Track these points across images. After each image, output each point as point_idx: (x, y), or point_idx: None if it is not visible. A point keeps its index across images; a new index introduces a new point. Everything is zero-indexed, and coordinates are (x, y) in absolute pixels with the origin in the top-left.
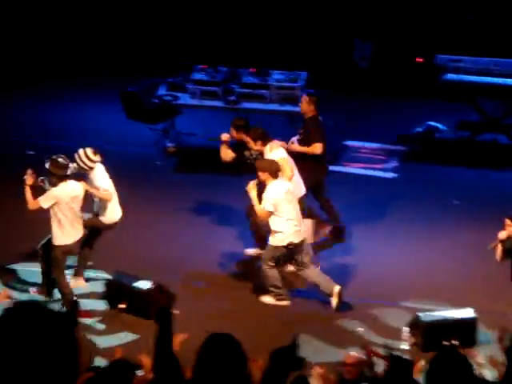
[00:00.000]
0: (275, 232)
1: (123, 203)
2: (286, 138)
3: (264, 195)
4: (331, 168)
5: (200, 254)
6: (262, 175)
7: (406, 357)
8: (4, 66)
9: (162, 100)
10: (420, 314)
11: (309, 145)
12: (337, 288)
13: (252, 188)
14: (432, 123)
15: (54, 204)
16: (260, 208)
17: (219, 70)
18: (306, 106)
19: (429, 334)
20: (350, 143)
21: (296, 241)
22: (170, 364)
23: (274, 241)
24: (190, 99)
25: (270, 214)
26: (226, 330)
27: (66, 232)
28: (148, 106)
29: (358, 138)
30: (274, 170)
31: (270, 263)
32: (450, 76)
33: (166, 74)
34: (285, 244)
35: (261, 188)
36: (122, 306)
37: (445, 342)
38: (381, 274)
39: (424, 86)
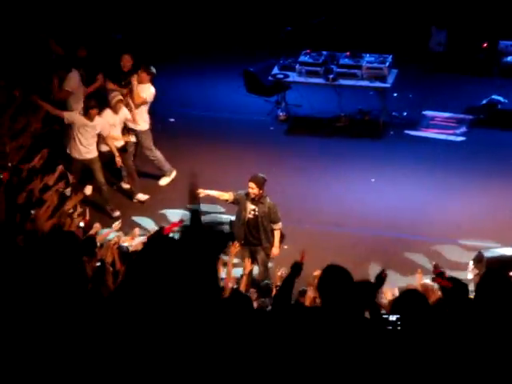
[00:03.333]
0: None
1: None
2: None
3: None
4: (410, 133)
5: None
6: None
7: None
8: (148, 41)
9: (275, 78)
10: (483, 251)
11: None
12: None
13: None
14: (495, 97)
15: None
16: None
17: (321, 54)
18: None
19: (490, 267)
20: (426, 113)
21: None
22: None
23: None
24: (297, 77)
25: None
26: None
27: None
28: (264, 83)
29: (433, 108)
30: None
31: None
32: (510, 58)
33: (279, 55)
34: None
35: None
36: None
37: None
38: (446, 216)
39: (489, 66)
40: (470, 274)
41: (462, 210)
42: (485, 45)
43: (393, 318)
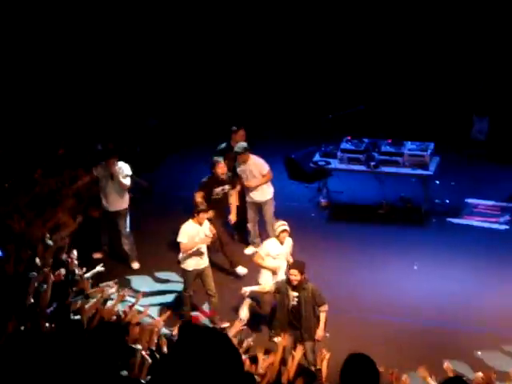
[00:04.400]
0: None
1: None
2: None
3: None
4: (454, 220)
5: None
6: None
7: None
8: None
9: (317, 164)
10: None
11: None
12: None
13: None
14: None
15: None
16: None
17: (362, 141)
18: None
19: None
20: (470, 200)
21: None
22: None
23: None
24: (339, 164)
25: None
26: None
27: None
28: (306, 169)
29: (476, 196)
30: None
31: None
32: None
33: (320, 142)
34: None
35: None
36: None
37: None
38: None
39: None
40: None
41: (504, 301)
42: None
43: None
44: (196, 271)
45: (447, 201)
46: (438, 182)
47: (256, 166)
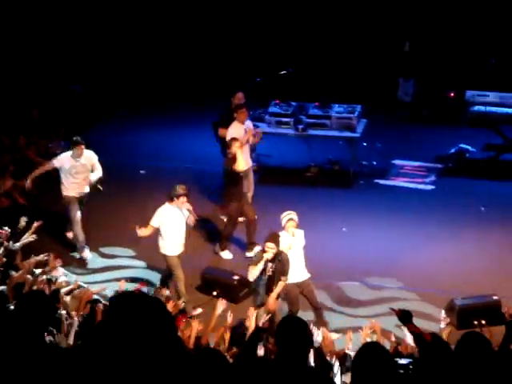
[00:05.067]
0: None
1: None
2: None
3: None
4: (380, 182)
5: None
6: None
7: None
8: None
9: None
10: (454, 299)
11: None
12: None
13: None
14: (463, 146)
15: None
16: None
17: (290, 104)
18: None
19: (462, 315)
20: (396, 162)
21: None
22: None
23: None
24: (267, 128)
25: None
26: None
27: None
28: None
29: (403, 157)
30: None
31: None
32: (477, 108)
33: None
34: None
35: None
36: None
37: (475, 322)
38: (417, 265)
39: (456, 116)
40: (442, 323)
41: (433, 258)
42: (452, 94)
43: (403, 361)
44: (176, 257)
45: (374, 162)
46: (365, 143)
47: None
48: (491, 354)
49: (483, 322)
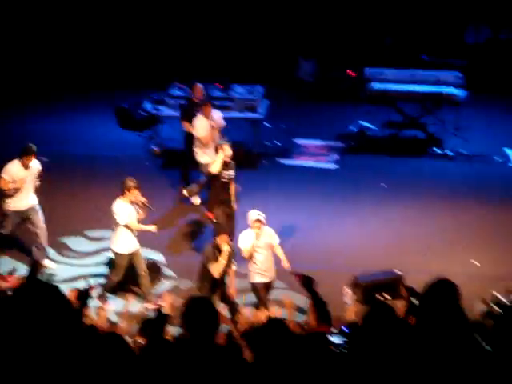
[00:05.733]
0: None
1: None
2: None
3: None
4: (284, 162)
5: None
6: None
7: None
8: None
9: (146, 112)
10: (358, 276)
11: None
12: None
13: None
14: (363, 123)
15: None
16: None
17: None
18: None
19: (366, 291)
20: (298, 141)
21: None
22: None
23: None
24: (169, 111)
25: None
26: None
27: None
28: (137, 118)
29: (306, 136)
30: None
31: None
32: (376, 85)
33: (150, 90)
34: None
35: None
36: None
37: (379, 297)
38: (325, 242)
39: (356, 93)
40: (348, 300)
41: (337, 235)
42: (351, 73)
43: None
44: (130, 254)
45: (278, 143)
46: (268, 124)
47: None
48: (399, 323)
49: (387, 296)
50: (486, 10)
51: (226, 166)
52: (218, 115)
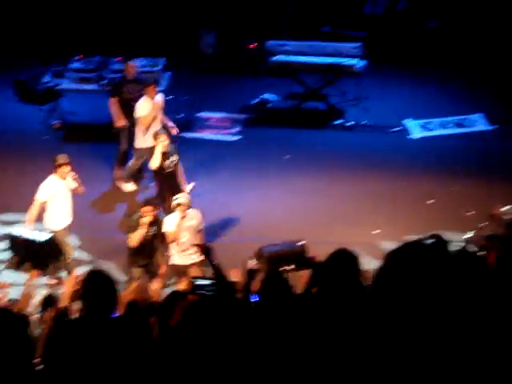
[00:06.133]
0: None
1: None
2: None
3: None
4: (187, 135)
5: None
6: None
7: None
8: None
9: (46, 85)
10: (263, 247)
11: None
12: None
13: None
14: (265, 95)
15: None
16: None
17: (92, 60)
18: None
19: (271, 262)
20: (200, 114)
21: None
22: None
23: None
24: (69, 84)
25: None
26: None
27: None
28: (36, 91)
29: (208, 109)
30: None
31: None
32: (277, 57)
33: (49, 62)
34: None
35: None
36: None
37: (284, 267)
38: (226, 214)
39: (257, 66)
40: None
41: (242, 207)
42: (252, 45)
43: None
44: (64, 230)
45: (180, 116)
46: (169, 97)
47: None
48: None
49: (292, 267)
50: None
51: (165, 155)
52: (159, 97)
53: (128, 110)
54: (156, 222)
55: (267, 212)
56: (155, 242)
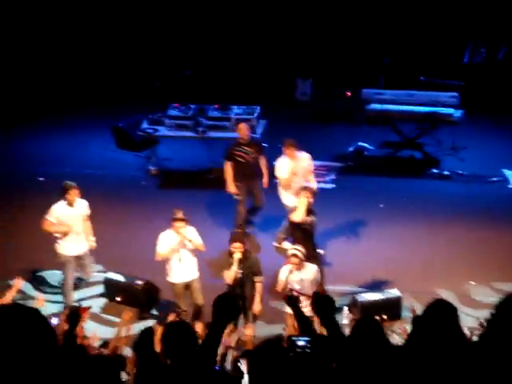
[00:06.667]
0: None
1: (119, 216)
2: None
3: None
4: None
5: None
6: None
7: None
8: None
9: (144, 132)
10: (356, 296)
11: None
12: None
13: None
14: (361, 143)
15: None
16: None
17: (189, 107)
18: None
19: (364, 311)
20: None
21: None
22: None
23: None
24: (166, 131)
25: None
26: None
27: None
28: (134, 138)
29: None
30: None
31: None
32: (374, 106)
33: (148, 110)
34: None
35: None
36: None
37: (376, 317)
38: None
39: (353, 114)
40: (345, 320)
41: (335, 255)
42: (348, 93)
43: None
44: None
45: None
46: (266, 145)
47: None
48: (384, 340)
49: (384, 317)
50: (483, 31)
51: (309, 212)
52: (305, 157)
53: (245, 171)
54: (246, 259)
55: (360, 259)
56: (246, 281)
